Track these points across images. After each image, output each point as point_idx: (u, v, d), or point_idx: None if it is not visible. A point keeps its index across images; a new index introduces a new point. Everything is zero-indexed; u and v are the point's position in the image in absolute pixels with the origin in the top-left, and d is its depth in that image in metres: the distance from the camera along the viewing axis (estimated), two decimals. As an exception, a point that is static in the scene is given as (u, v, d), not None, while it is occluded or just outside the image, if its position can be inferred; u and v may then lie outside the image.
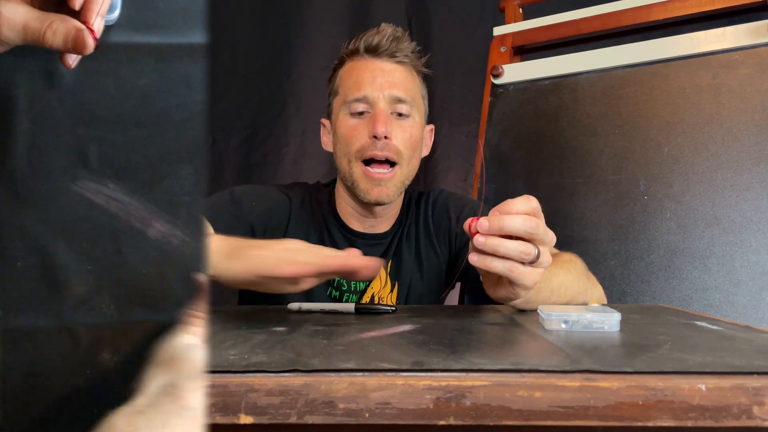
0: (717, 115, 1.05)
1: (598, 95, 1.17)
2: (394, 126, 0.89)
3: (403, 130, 0.90)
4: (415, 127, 0.91)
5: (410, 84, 0.92)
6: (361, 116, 0.89)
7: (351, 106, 0.89)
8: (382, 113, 0.87)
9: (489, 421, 0.34)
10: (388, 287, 0.96)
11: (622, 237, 1.08)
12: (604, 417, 0.34)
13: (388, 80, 0.89)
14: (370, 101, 0.88)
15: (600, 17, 1.21)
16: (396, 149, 0.88)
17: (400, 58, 0.91)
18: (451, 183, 1.76)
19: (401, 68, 0.91)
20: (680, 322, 0.58)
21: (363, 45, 0.90)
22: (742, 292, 0.96)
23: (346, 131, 0.90)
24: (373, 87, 0.88)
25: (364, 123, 0.89)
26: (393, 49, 0.90)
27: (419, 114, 0.93)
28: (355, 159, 0.89)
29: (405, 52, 0.91)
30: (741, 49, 1.05)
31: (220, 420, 0.34)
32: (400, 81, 0.90)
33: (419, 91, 0.95)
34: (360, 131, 0.89)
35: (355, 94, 0.89)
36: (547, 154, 1.20)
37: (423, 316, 0.62)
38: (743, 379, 0.34)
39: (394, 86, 0.89)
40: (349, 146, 0.90)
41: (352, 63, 0.92)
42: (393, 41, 0.90)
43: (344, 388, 0.34)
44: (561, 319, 0.52)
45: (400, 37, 0.91)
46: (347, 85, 0.91)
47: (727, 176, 1.01)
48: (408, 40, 0.93)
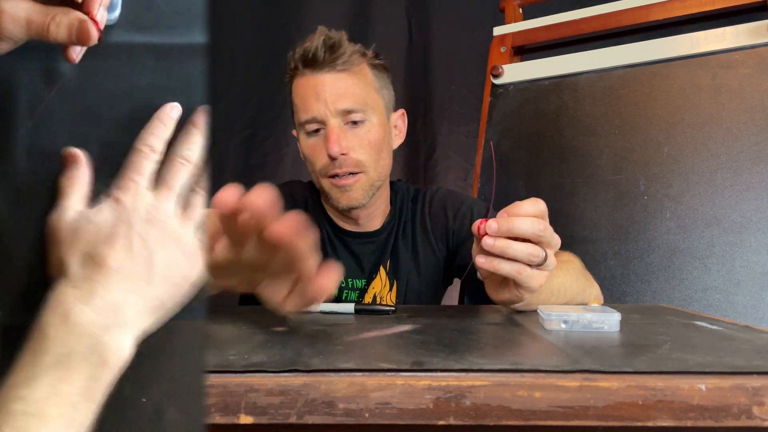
0: (717, 115, 1.05)
1: (598, 95, 1.17)
2: (350, 138, 0.87)
3: (360, 138, 0.87)
4: (373, 131, 0.89)
5: (358, 89, 0.88)
6: (318, 134, 0.88)
7: (305, 127, 0.88)
8: (333, 131, 0.85)
9: (489, 421, 0.34)
10: (387, 286, 0.96)
11: (622, 237, 1.08)
12: (604, 417, 0.34)
13: (333, 94, 0.85)
14: (319, 120, 0.86)
15: (600, 17, 1.21)
16: (355, 161, 0.87)
17: (339, 66, 0.87)
18: (451, 183, 1.75)
19: (344, 76, 0.87)
20: (680, 322, 0.58)
21: (300, 61, 0.87)
22: (742, 292, 0.96)
23: (307, 151, 0.90)
24: (319, 104, 0.85)
25: (321, 142, 0.87)
26: (330, 59, 0.86)
27: (377, 112, 0.90)
28: (321, 176, 0.89)
29: (344, 58, 0.87)
30: (741, 49, 1.05)
31: (219, 420, 0.34)
32: (345, 90, 0.86)
33: (372, 89, 0.91)
34: (318, 150, 0.88)
35: (304, 116, 0.87)
36: (547, 154, 1.20)
37: (423, 316, 0.62)
38: (743, 379, 0.34)
39: (339, 98, 0.85)
40: (312, 165, 0.90)
41: (297, 80, 0.89)
42: (327, 51, 0.85)
43: (344, 388, 0.34)
44: (561, 319, 0.52)
45: (334, 44, 0.86)
46: (297, 105, 0.89)
47: (727, 176, 1.01)
48: (345, 43, 0.88)
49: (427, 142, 1.76)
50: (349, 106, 0.86)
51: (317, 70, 0.86)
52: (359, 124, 0.88)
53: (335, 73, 0.86)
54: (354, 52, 0.88)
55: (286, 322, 0.58)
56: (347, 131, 0.87)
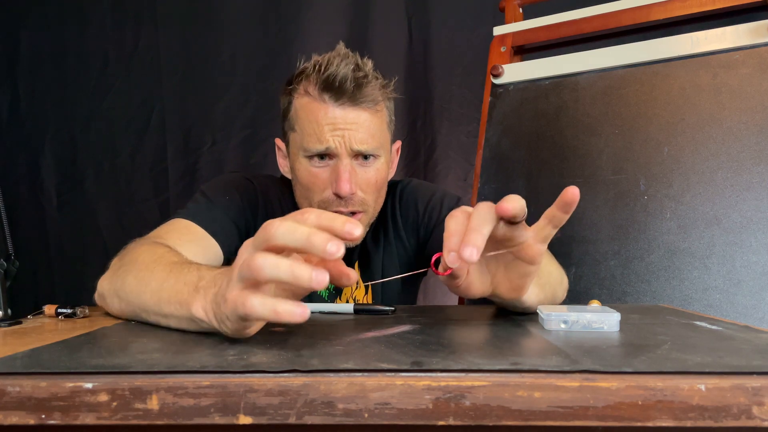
0: (717, 114, 1.05)
1: (599, 95, 1.17)
2: (359, 176, 0.83)
3: (368, 178, 0.84)
4: (381, 169, 0.86)
5: (376, 130, 0.84)
6: (323, 163, 0.83)
7: (311, 154, 0.83)
8: (346, 170, 0.81)
9: (488, 421, 0.34)
10: (362, 289, 0.96)
11: (622, 237, 1.08)
12: (604, 417, 0.34)
13: (352, 132, 0.81)
14: (331, 153, 0.82)
15: (600, 17, 1.21)
16: (360, 200, 0.84)
17: (364, 104, 0.81)
18: (451, 183, 1.75)
19: (366, 115, 0.82)
20: (680, 322, 0.58)
21: (321, 84, 0.81)
22: (742, 292, 0.95)
23: (307, 177, 0.84)
24: (335, 138, 0.81)
25: (327, 173, 0.83)
26: (357, 94, 0.80)
27: (385, 151, 0.87)
28: (318, 207, 0.84)
29: (371, 96, 0.82)
30: (741, 48, 1.05)
31: (219, 420, 0.34)
32: (365, 131, 0.82)
33: (385, 128, 0.87)
34: (322, 181, 0.83)
35: (316, 146, 0.81)
36: (547, 154, 1.20)
37: (422, 316, 0.62)
38: (743, 379, 0.34)
39: (359, 140, 0.81)
40: (310, 193, 0.85)
41: (309, 100, 0.82)
42: (356, 86, 0.80)
43: (343, 389, 0.34)
44: (561, 319, 0.52)
45: (362, 82, 0.80)
46: (305, 129, 0.82)
47: (727, 176, 1.01)
48: (371, 77, 0.83)
49: (427, 142, 1.76)
50: (366, 149, 0.83)
51: (339, 100, 0.81)
52: (369, 164, 0.85)
53: (358, 110, 0.81)
54: (378, 87, 0.84)
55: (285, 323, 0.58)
56: (356, 168, 0.84)
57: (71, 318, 0.70)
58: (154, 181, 1.80)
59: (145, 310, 0.57)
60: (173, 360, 0.40)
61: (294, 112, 0.85)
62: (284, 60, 1.76)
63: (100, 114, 1.80)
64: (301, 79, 0.84)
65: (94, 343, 0.47)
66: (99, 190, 1.81)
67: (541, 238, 0.51)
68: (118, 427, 0.35)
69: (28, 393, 0.35)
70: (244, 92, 1.79)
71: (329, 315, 0.66)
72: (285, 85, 0.89)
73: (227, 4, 1.77)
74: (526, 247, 0.51)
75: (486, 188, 1.25)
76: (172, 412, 0.35)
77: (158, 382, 0.35)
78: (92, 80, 1.80)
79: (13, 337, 0.55)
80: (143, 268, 0.60)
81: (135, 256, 0.65)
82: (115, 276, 0.65)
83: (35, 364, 0.39)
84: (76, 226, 1.81)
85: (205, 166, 1.80)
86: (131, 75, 1.79)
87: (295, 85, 0.85)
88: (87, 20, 1.79)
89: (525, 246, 0.51)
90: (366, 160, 0.84)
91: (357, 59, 0.82)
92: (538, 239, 0.51)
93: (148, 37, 1.79)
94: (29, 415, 0.35)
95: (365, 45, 1.72)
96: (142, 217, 1.79)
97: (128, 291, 0.60)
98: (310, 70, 0.83)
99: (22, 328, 0.62)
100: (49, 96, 1.80)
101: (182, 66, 1.79)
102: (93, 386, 0.35)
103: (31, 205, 1.81)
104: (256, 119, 1.79)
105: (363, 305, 0.67)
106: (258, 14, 1.77)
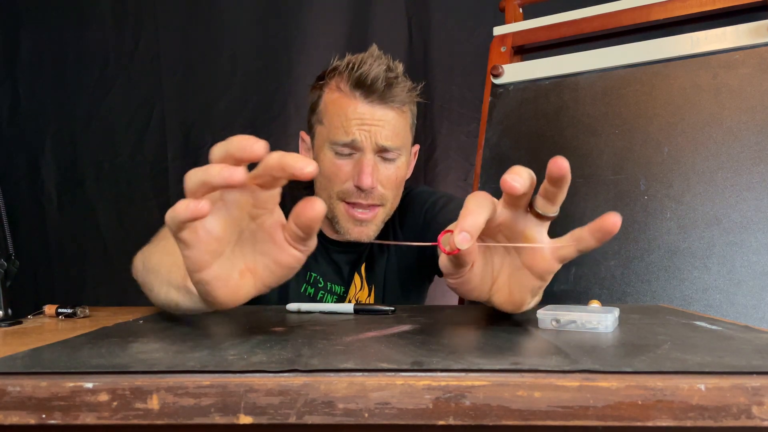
0: (717, 114, 1.05)
1: (599, 95, 1.17)
2: (381, 172, 0.86)
3: (389, 174, 0.87)
4: (401, 168, 0.89)
5: (401, 129, 0.87)
6: (348, 156, 0.86)
7: (336, 147, 0.86)
8: (369, 163, 0.84)
9: (488, 421, 0.34)
10: (365, 291, 0.96)
11: (622, 237, 1.08)
12: (604, 417, 0.34)
13: (379, 129, 0.84)
14: (356, 146, 0.85)
15: (600, 17, 1.21)
16: (380, 195, 0.87)
17: (392, 104, 0.86)
18: (451, 183, 1.76)
19: (393, 114, 0.86)
20: (679, 321, 0.58)
21: (353, 82, 0.84)
22: (742, 292, 0.95)
23: (330, 168, 0.87)
24: (362, 133, 0.84)
25: (350, 166, 0.86)
26: (386, 94, 0.84)
27: (406, 151, 0.90)
28: (337, 198, 0.87)
29: (400, 98, 0.86)
30: (741, 48, 1.05)
31: (219, 420, 0.34)
32: (391, 129, 0.85)
33: (408, 129, 0.91)
34: (344, 173, 0.86)
35: (342, 138, 0.84)
36: (547, 154, 1.19)
37: (422, 316, 0.62)
38: (742, 379, 0.34)
39: (384, 136, 0.85)
40: (331, 184, 0.87)
41: (340, 96, 0.86)
42: (387, 86, 0.84)
43: (344, 389, 0.34)
44: (554, 317, 0.52)
45: (392, 82, 0.85)
46: (333, 122, 0.86)
47: (728, 176, 1.01)
48: (402, 80, 0.87)
49: (427, 142, 1.76)
50: (390, 146, 0.85)
51: (369, 98, 0.84)
52: (391, 161, 0.87)
53: (386, 109, 0.85)
54: (407, 90, 0.87)
55: (285, 323, 0.58)
56: (379, 164, 0.86)
57: (71, 318, 0.70)
58: (154, 181, 1.80)
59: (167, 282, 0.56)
60: (173, 360, 0.40)
61: (324, 105, 0.89)
62: (284, 60, 1.76)
63: (100, 114, 1.80)
64: (334, 75, 0.88)
65: (94, 343, 0.47)
66: (99, 190, 1.81)
67: (559, 256, 0.45)
68: (119, 427, 0.35)
69: (28, 393, 0.35)
70: (244, 92, 1.79)
71: (329, 315, 0.66)
72: (316, 80, 0.92)
73: (227, 5, 1.77)
74: (540, 259, 0.46)
75: (486, 188, 1.25)
76: (172, 412, 0.35)
77: (158, 381, 0.35)
78: (92, 80, 1.79)
79: (13, 337, 0.55)
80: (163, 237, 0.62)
81: (164, 231, 0.67)
82: (145, 248, 0.67)
83: (35, 364, 0.39)
84: (76, 226, 1.81)
85: (205, 167, 1.80)
86: (131, 75, 1.79)
87: (327, 80, 0.89)
88: (87, 20, 1.79)
89: (539, 257, 0.46)
90: (388, 157, 0.87)
91: (389, 61, 0.86)
92: (556, 256, 0.45)
93: (148, 37, 1.78)
94: (30, 415, 0.35)
95: (365, 45, 1.70)
96: (142, 217, 1.79)
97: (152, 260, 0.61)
98: (343, 68, 0.86)
99: (22, 328, 0.62)
100: (49, 96, 1.80)
101: (182, 66, 1.79)
102: (93, 386, 0.35)
103: (31, 205, 1.80)
104: (256, 119, 1.79)
105: (363, 305, 0.67)
106: (258, 14, 1.77)
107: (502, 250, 0.49)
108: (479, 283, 0.49)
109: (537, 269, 0.46)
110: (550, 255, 0.45)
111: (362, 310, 0.66)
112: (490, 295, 0.50)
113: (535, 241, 0.45)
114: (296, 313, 0.67)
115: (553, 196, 0.44)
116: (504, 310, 0.50)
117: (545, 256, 0.45)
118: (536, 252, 0.45)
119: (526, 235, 0.45)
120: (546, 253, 0.45)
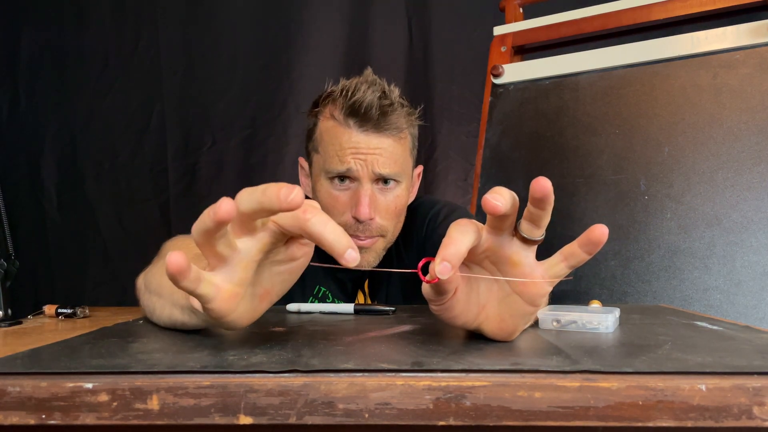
0: (717, 114, 1.05)
1: (599, 95, 1.17)
2: (379, 202, 0.84)
3: (388, 204, 0.85)
4: (401, 196, 0.86)
5: (399, 156, 0.85)
6: (344, 185, 0.84)
7: (332, 176, 0.84)
8: (366, 195, 0.82)
9: (489, 421, 0.34)
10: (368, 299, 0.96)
11: (623, 237, 1.08)
12: (604, 417, 0.34)
13: (375, 157, 0.82)
14: (352, 176, 0.83)
15: (600, 17, 1.21)
16: (378, 226, 0.84)
17: (388, 131, 0.82)
18: (451, 183, 1.76)
19: (390, 141, 0.83)
20: (680, 322, 0.58)
21: (347, 111, 0.81)
22: (742, 292, 0.95)
23: (327, 199, 0.85)
24: (357, 162, 0.81)
25: (347, 197, 0.84)
26: (381, 122, 0.81)
27: (406, 177, 0.88)
28: None
29: (395, 125, 0.83)
30: (741, 48, 1.05)
31: (219, 420, 0.34)
32: (388, 157, 0.83)
33: (408, 154, 0.88)
34: (342, 205, 0.84)
35: (337, 167, 0.82)
36: (547, 154, 1.20)
37: (423, 316, 0.62)
38: (743, 380, 0.34)
39: (380, 165, 0.82)
40: (329, 215, 0.85)
41: (335, 124, 0.83)
42: (381, 114, 0.81)
43: (344, 389, 0.34)
44: (554, 318, 0.52)
45: (387, 110, 0.81)
46: (328, 151, 0.84)
47: (728, 176, 1.01)
48: (397, 105, 0.84)
49: (427, 142, 1.76)
50: (387, 173, 0.83)
51: (363, 127, 0.82)
52: (389, 189, 0.85)
53: (381, 137, 0.82)
54: (403, 116, 0.85)
55: (285, 323, 0.58)
56: (377, 194, 0.84)
57: (71, 318, 0.70)
58: (154, 181, 1.80)
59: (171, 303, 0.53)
60: (173, 360, 0.40)
61: (319, 134, 0.86)
62: (284, 60, 1.76)
63: (100, 114, 1.80)
64: (328, 103, 0.85)
65: (94, 343, 0.47)
66: (99, 190, 1.81)
67: (551, 275, 0.43)
68: (119, 427, 0.35)
69: (28, 393, 0.35)
70: (244, 92, 1.79)
71: (329, 315, 0.65)
72: (311, 106, 0.90)
73: (227, 4, 1.77)
74: (530, 284, 0.43)
75: (486, 188, 1.25)
76: (172, 412, 0.34)
77: (158, 382, 0.35)
78: (92, 80, 1.80)
79: (13, 337, 0.55)
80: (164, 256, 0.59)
81: (166, 248, 0.66)
82: (148, 270, 0.65)
83: (35, 364, 0.39)
84: (76, 226, 1.81)
85: (205, 166, 1.80)
86: (131, 75, 1.79)
87: (321, 108, 0.86)
88: (87, 20, 1.79)
89: (528, 282, 0.44)
90: (386, 186, 0.84)
91: (384, 86, 0.83)
92: (547, 276, 0.43)
93: (148, 37, 1.79)
94: (29, 415, 0.35)
95: (365, 45, 1.73)
96: (142, 217, 1.79)
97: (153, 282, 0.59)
98: (336, 95, 0.84)
99: (22, 328, 0.62)
100: (49, 96, 1.80)
101: (182, 66, 1.79)
102: (93, 386, 0.35)
103: (31, 205, 1.81)
104: (256, 119, 1.79)
105: (363, 305, 0.67)
106: (258, 14, 1.77)
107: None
108: (463, 309, 0.46)
109: (528, 294, 0.44)
110: (540, 277, 0.43)
111: (362, 310, 0.66)
112: (479, 323, 0.47)
113: (523, 265, 0.44)
114: (296, 313, 0.67)
115: (538, 218, 0.42)
116: (495, 338, 0.47)
117: (535, 279, 0.44)
118: (526, 275, 0.44)
119: (512, 260, 0.44)
120: (537, 275, 0.43)
